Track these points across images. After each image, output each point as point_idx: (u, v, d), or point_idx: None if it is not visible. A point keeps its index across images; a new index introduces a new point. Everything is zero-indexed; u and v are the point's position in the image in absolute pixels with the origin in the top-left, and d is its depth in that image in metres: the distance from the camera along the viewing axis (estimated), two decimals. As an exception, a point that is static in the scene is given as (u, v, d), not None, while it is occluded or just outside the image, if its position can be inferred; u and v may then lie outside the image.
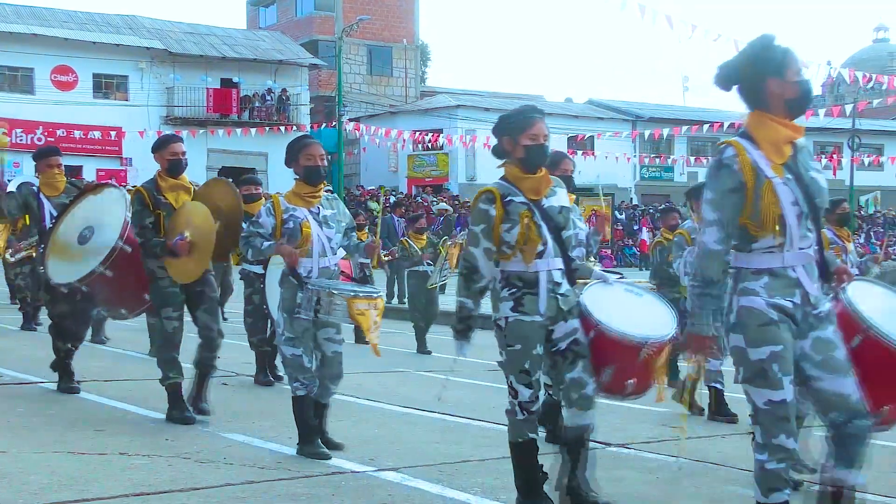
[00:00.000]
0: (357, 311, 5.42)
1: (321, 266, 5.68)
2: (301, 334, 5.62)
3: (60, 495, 4.56)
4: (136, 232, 6.56)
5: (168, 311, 6.59)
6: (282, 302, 5.68)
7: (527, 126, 4.61)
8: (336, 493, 4.81)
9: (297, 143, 5.83)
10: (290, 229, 5.65)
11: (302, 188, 5.78)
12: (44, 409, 6.88)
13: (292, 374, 5.68)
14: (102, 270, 6.66)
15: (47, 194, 7.77)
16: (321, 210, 5.77)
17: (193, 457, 5.45)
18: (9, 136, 10.02)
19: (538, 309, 4.50)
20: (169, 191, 6.64)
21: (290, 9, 49.23)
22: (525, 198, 4.56)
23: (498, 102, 45.20)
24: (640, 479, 5.39)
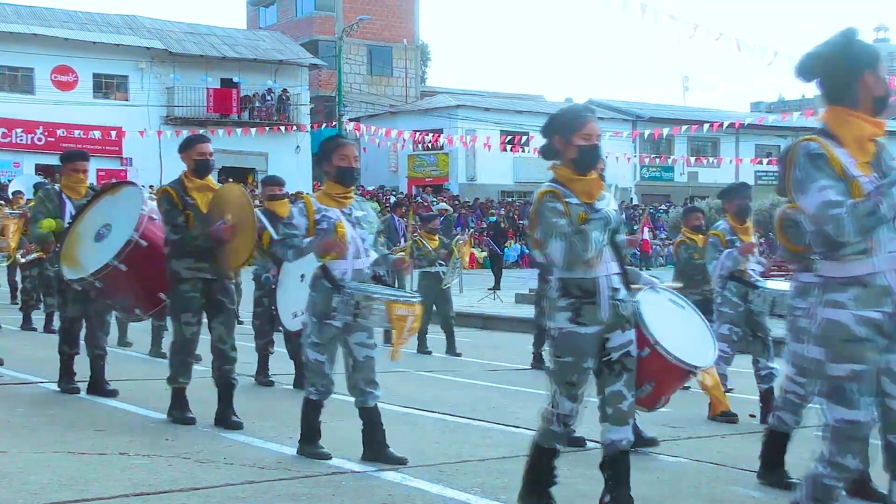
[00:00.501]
0: (396, 315, 5.28)
1: (355, 268, 5.49)
2: (328, 341, 5.49)
3: (60, 495, 4.56)
4: (171, 230, 6.42)
5: (188, 315, 6.47)
6: (312, 305, 5.51)
7: (580, 125, 4.47)
8: (336, 493, 4.80)
9: (331, 142, 5.67)
10: (324, 230, 5.46)
11: (334, 189, 5.62)
12: (44, 409, 6.88)
13: (311, 378, 5.59)
14: (116, 264, 6.54)
15: (70, 196, 7.68)
16: (353, 211, 5.62)
17: (193, 457, 5.45)
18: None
19: (599, 317, 4.38)
20: (195, 191, 6.51)
21: (290, 9, 49.23)
22: (579, 200, 4.44)
23: (498, 102, 45.30)
24: (640, 479, 5.37)
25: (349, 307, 5.28)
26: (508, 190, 43.31)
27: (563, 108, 4.68)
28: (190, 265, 6.42)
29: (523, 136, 38.55)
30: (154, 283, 6.65)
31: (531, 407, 7.74)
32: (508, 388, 8.94)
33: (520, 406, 7.84)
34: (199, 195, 6.49)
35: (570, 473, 5.40)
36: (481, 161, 41.95)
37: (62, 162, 7.84)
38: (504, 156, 41.18)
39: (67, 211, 7.54)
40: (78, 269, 6.87)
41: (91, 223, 7.06)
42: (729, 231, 7.78)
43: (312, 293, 5.52)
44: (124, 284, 6.72)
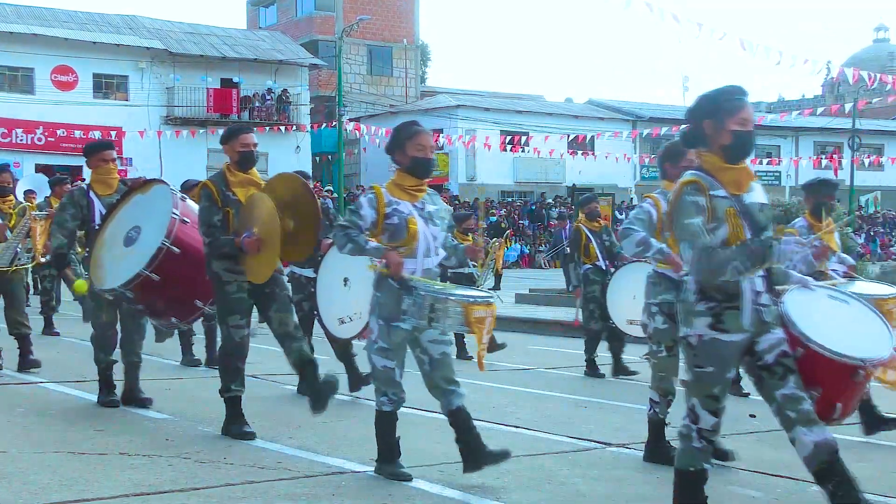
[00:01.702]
0: (475, 318, 4.88)
1: (425, 268, 5.08)
2: (397, 346, 5.08)
3: (60, 495, 4.56)
4: (203, 230, 6.02)
5: (235, 318, 6.05)
6: (378, 308, 5.09)
7: (736, 109, 4.05)
8: (336, 493, 4.80)
9: (405, 129, 5.17)
10: (395, 225, 5.03)
11: (406, 180, 5.13)
12: (44, 409, 6.88)
13: (380, 387, 5.15)
14: (148, 274, 6.19)
15: (99, 192, 7.16)
16: (425, 205, 5.15)
17: (193, 457, 5.45)
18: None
19: (741, 324, 4.01)
20: (238, 186, 6.10)
21: (290, 9, 49.23)
22: (726, 192, 4.04)
23: (498, 102, 45.29)
24: (640, 479, 5.38)
25: (422, 310, 4.90)
26: (508, 190, 43.31)
27: (714, 89, 4.19)
28: (230, 267, 6.05)
29: (523, 136, 38.54)
30: (190, 289, 6.34)
31: (531, 407, 7.76)
32: (508, 388, 8.94)
33: (520, 406, 7.84)
34: (242, 190, 6.10)
35: (570, 473, 5.41)
36: (481, 161, 41.93)
37: (88, 155, 7.33)
38: (504, 156, 41.18)
39: (97, 211, 7.07)
40: (108, 278, 6.50)
41: (120, 225, 6.69)
42: (806, 229, 7.18)
43: (377, 294, 5.11)
44: (158, 293, 6.36)
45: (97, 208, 7.06)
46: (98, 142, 7.72)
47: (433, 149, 5.21)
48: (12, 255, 8.53)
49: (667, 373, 5.85)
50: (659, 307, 5.89)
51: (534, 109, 44.99)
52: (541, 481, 5.17)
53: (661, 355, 5.85)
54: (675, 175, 5.77)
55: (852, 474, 4.04)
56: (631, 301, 9.65)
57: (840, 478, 4.01)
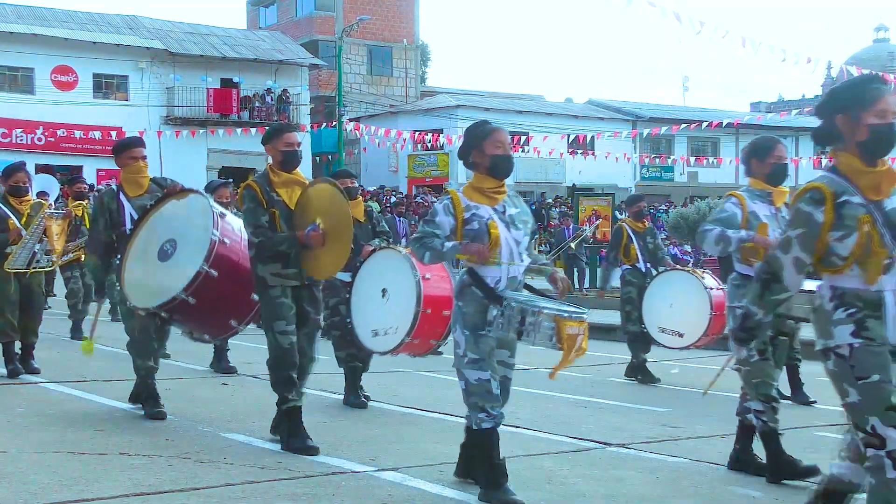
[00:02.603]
0: (567, 334, 4.54)
1: (509, 275, 4.75)
2: (488, 354, 4.71)
3: (60, 495, 4.55)
4: (252, 232, 5.76)
5: (281, 324, 5.76)
6: (462, 317, 4.75)
7: (873, 99, 3.60)
8: (336, 493, 4.80)
9: (480, 128, 4.91)
10: (475, 231, 4.72)
11: (485, 182, 4.84)
12: (44, 409, 6.88)
13: (477, 402, 4.73)
14: (185, 297, 5.99)
15: (129, 193, 6.83)
16: (506, 208, 4.85)
17: (193, 457, 5.45)
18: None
19: (885, 336, 3.56)
20: (282, 186, 5.83)
21: (290, 9, 49.25)
22: (863, 198, 3.60)
23: (498, 102, 45.31)
24: (640, 479, 5.39)
25: (512, 322, 4.62)
26: (508, 190, 43.30)
27: (848, 80, 3.82)
28: (277, 271, 5.77)
29: (523, 136, 38.53)
30: (226, 310, 6.16)
31: (531, 407, 7.75)
32: (508, 388, 8.93)
33: (520, 406, 7.83)
34: (285, 191, 5.84)
35: (570, 473, 5.41)
36: (481, 161, 41.90)
37: (117, 153, 7.00)
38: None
39: (127, 214, 6.73)
40: (140, 295, 6.28)
41: (154, 235, 6.41)
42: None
43: (460, 303, 4.78)
44: (193, 315, 6.17)
45: (127, 211, 6.76)
46: (127, 139, 7.38)
47: (511, 146, 4.95)
48: (29, 255, 8.23)
49: (763, 378, 5.44)
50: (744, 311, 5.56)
51: (534, 109, 44.99)
52: (541, 481, 5.17)
53: (753, 360, 5.41)
54: (761, 172, 5.64)
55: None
56: (667, 309, 9.70)
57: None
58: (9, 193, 8.42)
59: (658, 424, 7.11)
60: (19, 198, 8.43)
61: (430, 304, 6.70)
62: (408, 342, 6.77)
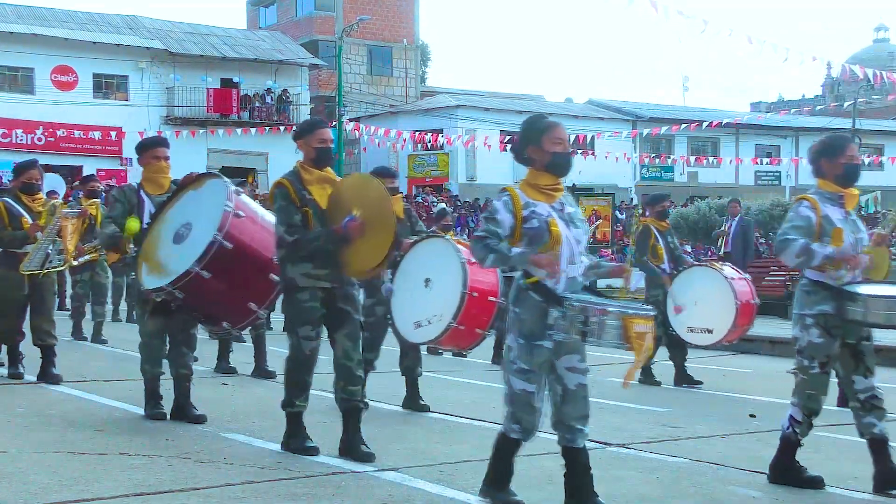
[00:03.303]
0: (635, 333, 4.34)
1: (569, 276, 4.52)
2: (538, 367, 4.50)
3: (60, 495, 4.55)
4: (285, 230, 5.48)
5: (306, 329, 5.55)
6: (518, 323, 4.51)
7: None
8: (336, 493, 4.80)
9: (538, 123, 4.67)
10: (535, 229, 4.48)
11: (542, 179, 4.59)
12: (44, 409, 6.87)
13: (515, 412, 4.56)
14: (198, 271, 5.71)
15: (150, 192, 6.73)
16: (564, 206, 4.62)
17: (193, 457, 5.44)
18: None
19: None
20: (314, 184, 5.59)
21: (290, 9, 49.26)
22: None
23: (498, 102, 45.31)
24: (640, 479, 5.38)
25: (574, 323, 4.38)
26: (508, 190, 43.31)
27: None
28: (308, 271, 5.52)
29: (523, 137, 38.47)
30: (243, 291, 5.90)
31: (531, 407, 7.75)
32: (508, 388, 8.92)
33: (520, 406, 7.82)
34: (318, 189, 5.59)
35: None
36: (481, 161, 41.93)
37: (140, 152, 6.89)
38: (504, 156, 41.11)
39: (147, 210, 6.62)
40: (156, 277, 6.05)
41: (171, 222, 6.25)
42: None
43: (516, 309, 4.55)
44: (209, 294, 5.89)
45: (147, 207, 6.64)
46: (152, 138, 7.24)
47: (569, 142, 4.73)
48: (43, 256, 7.97)
49: (817, 391, 5.29)
50: (815, 319, 5.24)
51: (534, 109, 44.93)
52: (541, 481, 5.17)
53: (813, 371, 5.26)
54: (832, 173, 5.33)
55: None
56: (693, 307, 9.45)
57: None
58: (21, 191, 8.17)
59: (658, 424, 7.11)
60: (32, 195, 8.18)
61: (476, 288, 6.56)
62: (454, 328, 6.56)
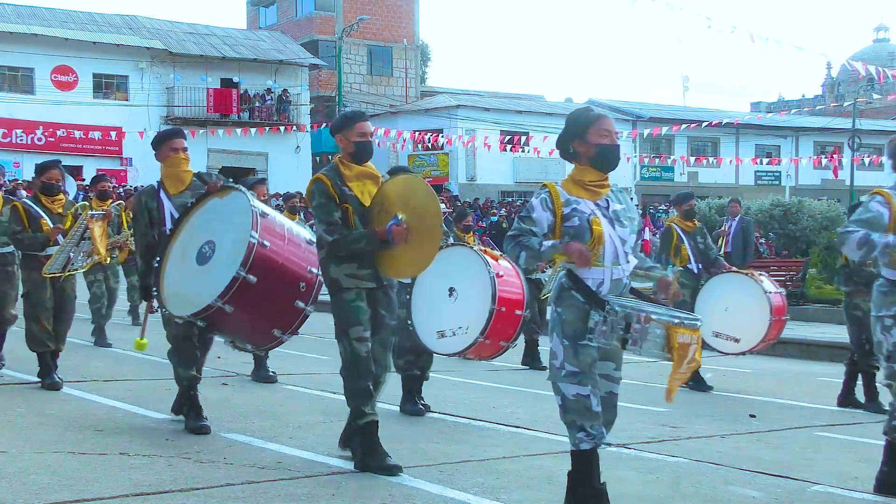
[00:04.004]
0: (678, 343, 4.11)
1: (614, 277, 4.31)
2: (587, 367, 4.29)
3: (60, 495, 4.55)
4: (325, 229, 5.22)
5: (358, 330, 5.22)
6: (561, 325, 4.32)
7: None
8: (336, 493, 4.80)
9: (584, 115, 4.44)
10: (575, 227, 4.29)
11: (587, 174, 4.39)
12: (44, 409, 6.87)
13: (574, 420, 4.31)
14: (220, 305, 5.49)
15: (170, 191, 6.35)
16: (610, 203, 4.40)
17: (193, 457, 5.44)
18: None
19: None
20: (354, 180, 5.33)
21: (290, 9, 49.25)
22: None
23: (498, 102, 45.32)
24: (640, 479, 5.38)
25: (616, 329, 4.17)
26: (508, 190, 43.32)
27: None
28: (351, 271, 5.26)
29: (523, 136, 38.54)
30: (268, 321, 5.68)
31: (531, 407, 7.75)
32: (509, 388, 8.94)
33: (520, 406, 7.83)
34: (358, 185, 5.33)
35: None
36: (481, 161, 41.95)
37: (157, 146, 6.53)
38: (504, 156, 41.21)
39: (167, 213, 6.25)
40: (177, 302, 5.85)
41: (194, 236, 5.94)
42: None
43: (558, 310, 4.35)
44: (232, 324, 5.73)
45: (168, 210, 6.26)
46: (167, 130, 6.83)
47: (617, 135, 4.51)
48: (66, 259, 7.72)
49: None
50: (894, 319, 5.05)
51: (534, 109, 44.98)
52: (541, 481, 5.17)
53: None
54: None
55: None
56: (722, 313, 9.29)
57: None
58: (41, 192, 7.90)
59: (658, 424, 7.11)
60: (52, 196, 7.92)
61: (504, 303, 6.45)
62: (480, 342, 6.49)
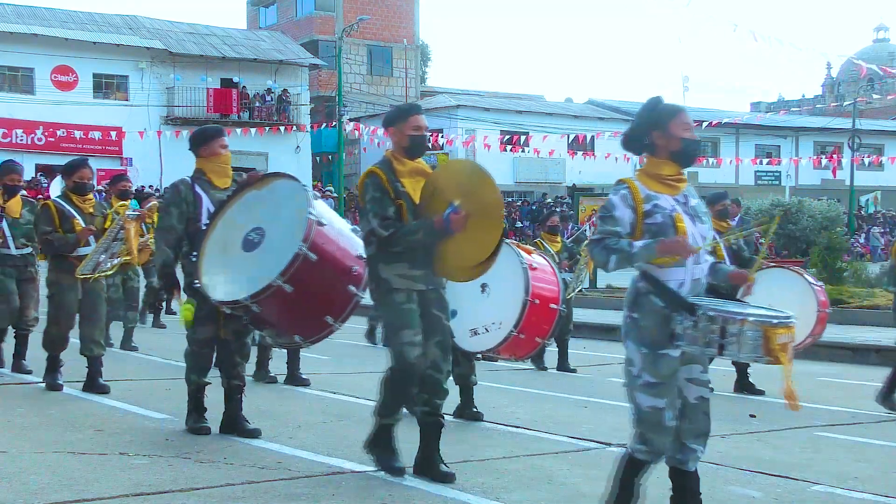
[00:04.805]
0: (778, 345, 3.83)
1: (694, 277, 4.05)
2: (667, 378, 3.99)
3: (60, 495, 4.55)
4: (378, 224, 4.98)
5: (408, 334, 4.99)
6: (639, 332, 4.01)
7: None
8: (336, 493, 4.80)
9: (664, 106, 4.17)
10: (658, 225, 4.00)
11: (665, 168, 4.12)
12: (44, 409, 6.88)
13: (644, 432, 4.05)
14: (281, 284, 5.19)
15: (219, 185, 6.13)
16: (688, 199, 4.15)
17: (193, 457, 5.45)
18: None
19: None
20: (407, 176, 5.12)
21: (290, 9, 49.27)
22: None
23: (498, 102, 45.36)
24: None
25: (707, 334, 3.86)
26: (508, 190, 43.34)
27: None
28: (403, 272, 5.04)
29: (523, 136, 38.54)
30: (322, 304, 5.41)
31: (531, 407, 7.75)
32: (509, 388, 8.94)
33: (520, 406, 7.83)
34: (411, 181, 5.11)
35: (570, 473, 5.41)
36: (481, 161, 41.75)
37: (197, 144, 6.23)
38: (504, 156, 41.21)
39: (205, 209, 6.03)
40: (228, 288, 5.52)
41: (235, 226, 5.70)
42: None
43: (634, 315, 4.05)
44: (287, 308, 5.39)
45: (205, 205, 6.03)
46: (212, 128, 6.48)
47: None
48: (97, 260, 7.50)
49: None
50: None
51: (534, 109, 45.00)
52: (541, 481, 5.17)
53: None
54: None
55: None
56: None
57: None
58: (72, 191, 7.66)
59: (658, 424, 7.10)
60: (83, 196, 7.67)
61: (538, 296, 6.33)
62: (514, 336, 6.37)
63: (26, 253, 8.36)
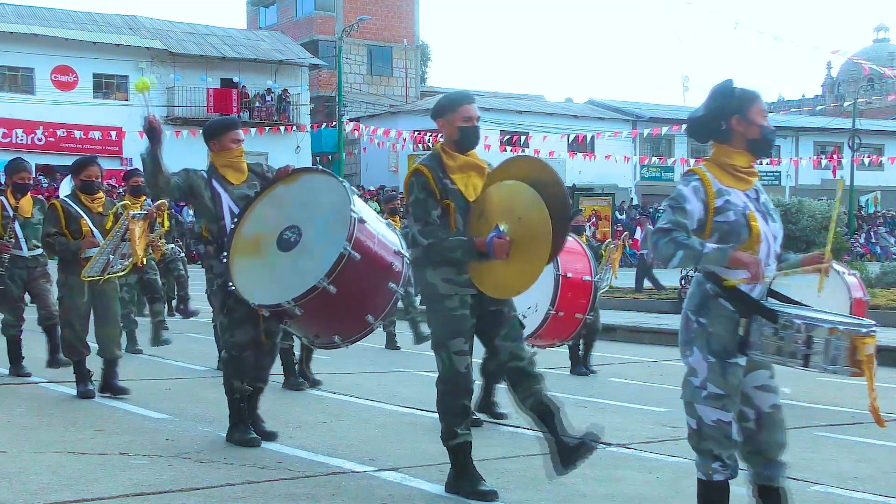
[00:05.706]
0: (866, 355, 3.51)
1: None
2: (733, 390, 3.68)
3: (60, 495, 4.55)
4: (419, 230, 4.69)
5: (458, 342, 4.67)
6: (707, 339, 3.66)
7: None
8: (336, 493, 4.80)
9: (743, 90, 3.78)
10: (730, 223, 3.63)
11: (738, 159, 3.74)
12: (44, 409, 6.88)
13: (711, 449, 3.77)
14: (326, 285, 4.93)
15: (233, 182, 5.89)
16: (759, 194, 3.77)
17: (193, 457, 5.44)
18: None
19: None
20: (458, 172, 4.75)
21: (290, 9, 49.30)
22: None
23: (498, 102, 45.32)
24: (640, 479, 5.38)
25: (790, 343, 3.54)
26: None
27: None
28: (450, 276, 4.72)
29: (523, 136, 38.54)
30: (363, 304, 5.18)
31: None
32: (508, 388, 8.92)
33: (520, 406, 7.82)
34: (462, 177, 4.76)
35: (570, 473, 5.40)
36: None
37: (211, 137, 6.06)
38: (504, 156, 41.08)
39: (225, 206, 5.76)
40: (268, 292, 5.22)
41: (267, 224, 5.41)
42: None
43: (702, 319, 3.69)
44: (329, 308, 5.10)
45: (225, 202, 5.76)
46: (226, 120, 6.31)
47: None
48: (104, 262, 7.32)
49: None
50: None
51: (534, 109, 45.00)
52: (541, 481, 5.16)
53: None
54: None
55: None
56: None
57: None
58: (80, 190, 7.50)
59: (658, 424, 7.10)
60: (91, 195, 7.50)
61: (570, 270, 6.10)
62: (553, 316, 6.13)
63: (37, 254, 8.32)
